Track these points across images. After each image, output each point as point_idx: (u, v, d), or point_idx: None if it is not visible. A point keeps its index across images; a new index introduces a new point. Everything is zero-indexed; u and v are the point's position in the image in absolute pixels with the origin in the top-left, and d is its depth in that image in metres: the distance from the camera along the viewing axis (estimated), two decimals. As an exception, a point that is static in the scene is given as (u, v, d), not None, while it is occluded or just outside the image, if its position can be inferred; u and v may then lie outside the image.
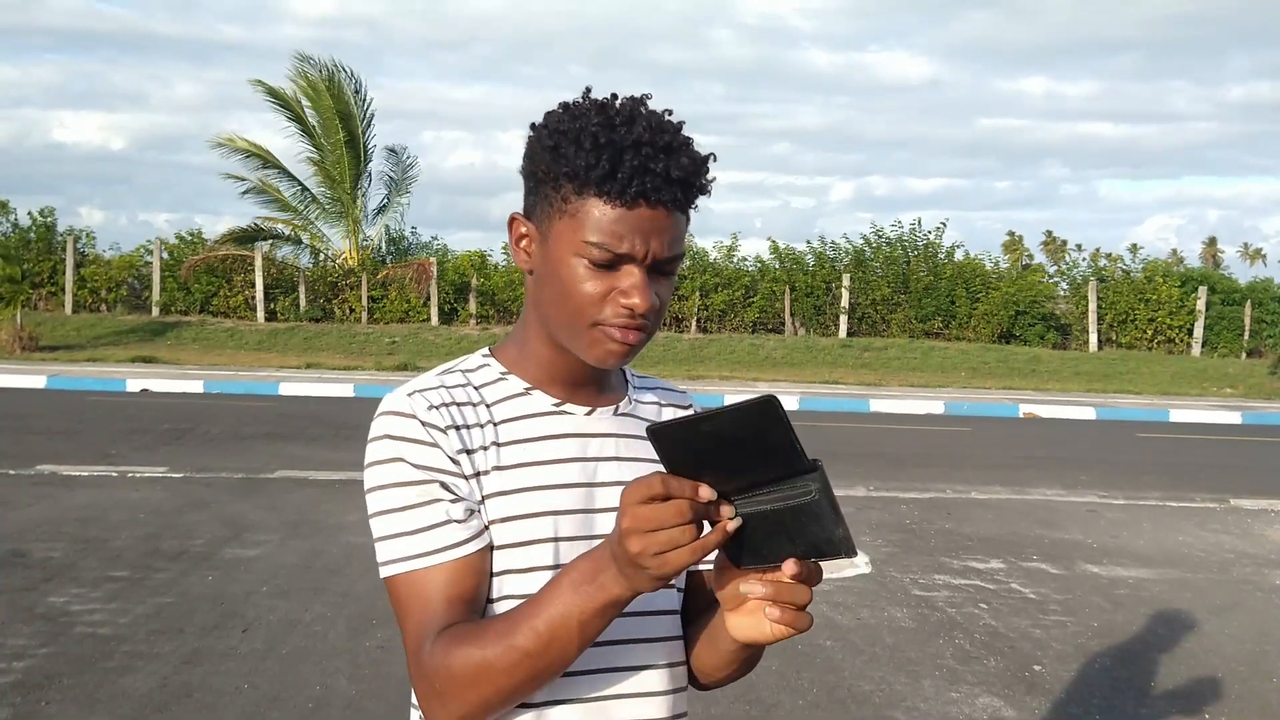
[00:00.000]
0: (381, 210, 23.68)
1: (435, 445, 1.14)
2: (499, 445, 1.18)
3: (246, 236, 22.34)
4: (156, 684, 4.00)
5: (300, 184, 22.72)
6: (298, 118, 22.39)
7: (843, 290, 21.66)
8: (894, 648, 4.79)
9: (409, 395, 1.16)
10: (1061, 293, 23.74)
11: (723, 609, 1.07)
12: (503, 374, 1.23)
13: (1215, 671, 4.66)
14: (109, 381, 14.29)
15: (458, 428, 1.16)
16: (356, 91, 22.62)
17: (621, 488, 1.21)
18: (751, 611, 1.03)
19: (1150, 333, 22.34)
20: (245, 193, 22.53)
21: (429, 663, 1.08)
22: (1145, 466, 10.34)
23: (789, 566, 0.97)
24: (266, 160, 22.45)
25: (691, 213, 1.18)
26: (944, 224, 23.65)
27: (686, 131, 1.14)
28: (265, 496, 7.35)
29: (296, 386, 14.41)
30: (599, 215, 1.10)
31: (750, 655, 1.19)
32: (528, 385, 1.23)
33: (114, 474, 8.01)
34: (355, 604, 5.06)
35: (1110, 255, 25.11)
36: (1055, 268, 25.90)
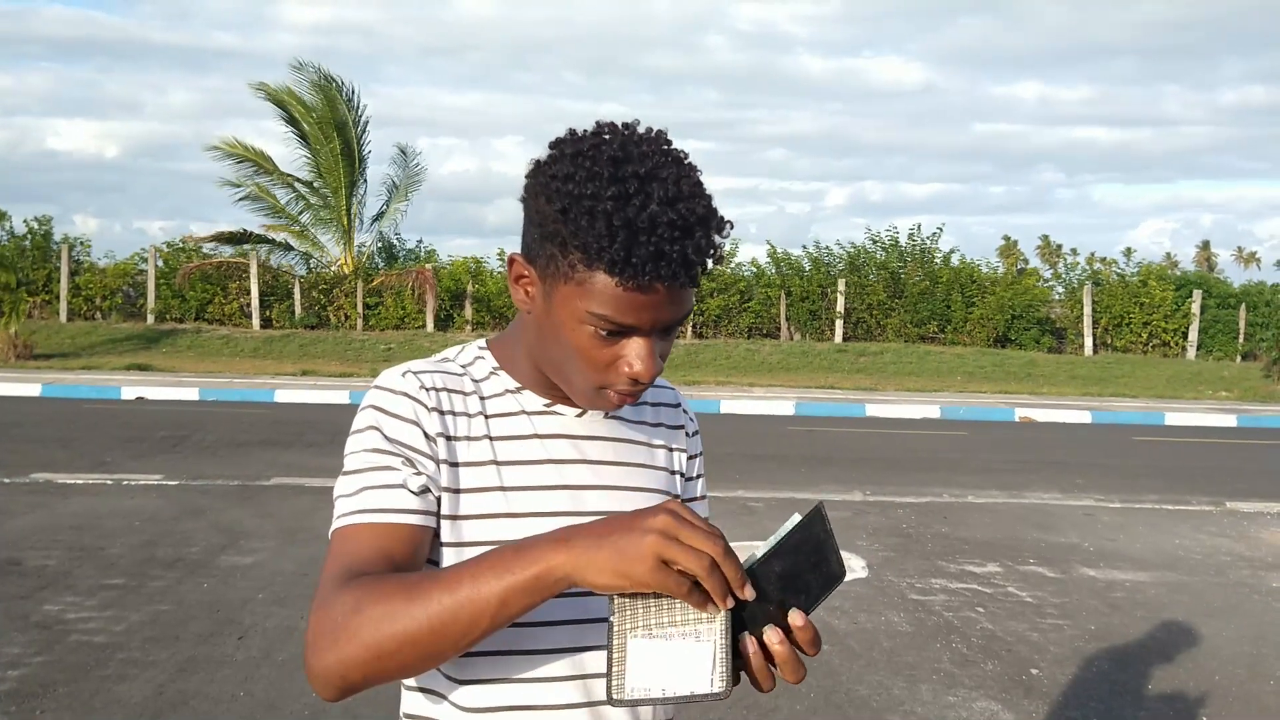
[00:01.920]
0: (379, 216, 23.67)
1: (415, 423, 1.13)
2: (491, 439, 1.18)
3: (235, 239, 22.33)
4: (152, 692, 3.98)
5: (295, 190, 22.73)
6: (294, 122, 22.40)
7: (838, 295, 21.69)
8: (891, 652, 4.78)
9: (403, 374, 1.17)
10: (1057, 297, 23.79)
11: None
12: (495, 369, 1.23)
13: (1213, 674, 4.66)
14: (104, 389, 14.27)
15: (444, 412, 1.15)
16: (349, 100, 22.62)
17: (611, 492, 1.21)
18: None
19: (1145, 336, 22.40)
20: (240, 199, 22.54)
21: (336, 596, 1.00)
22: (1141, 470, 10.35)
23: (796, 618, 0.99)
24: (262, 165, 22.47)
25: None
26: (940, 229, 23.71)
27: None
28: (261, 504, 7.33)
29: (292, 393, 14.38)
30: (609, 293, 1.06)
31: None
32: (518, 384, 1.22)
33: (109, 482, 7.99)
34: (351, 611, 5.04)
35: (1105, 259, 25.15)
36: (1050, 272, 25.97)
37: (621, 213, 1.03)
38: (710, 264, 1.08)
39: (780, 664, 1.00)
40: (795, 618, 0.99)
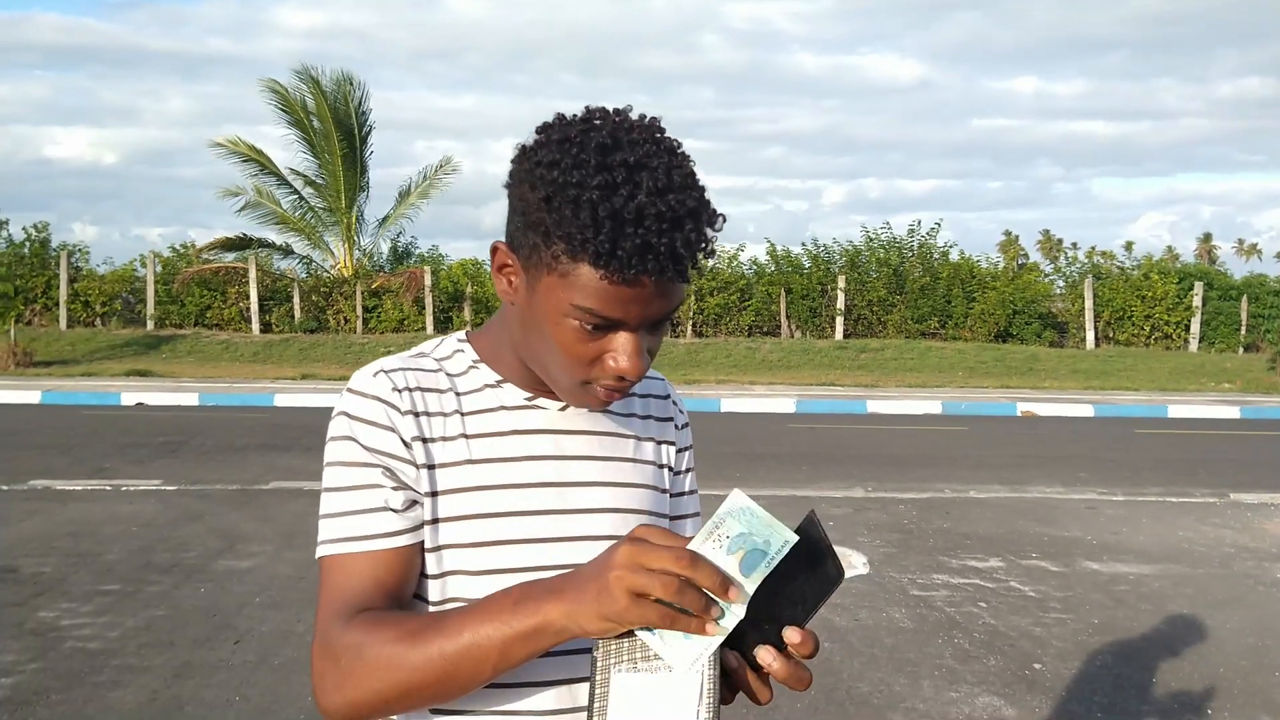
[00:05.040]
0: (385, 220, 23.61)
1: (391, 429, 1.10)
2: (466, 437, 1.13)
3: (236, 244, 22.30)
4: (146, 698, 3.95)
5: (296, 191, 22.70)
6: (299, 124, 22.35)
7: (838, 292, 21.63)
8: (892, 648, 4.74)
9: (374, 375, 1.13)
10: (1058, 291, 23.74)
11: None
12: (475, 363, 1.19)
13: (1217, 666, 4.62)
14: (104, 396, 14.24)
15: (418, 414, 1.11)
16: (360, 103, 22.58)
17: (595, 489, 1.17)
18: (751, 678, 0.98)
19: (1147, 329, 22.34)
20: (241, 209, 22.48)
21: (339, 640, 1.02)
22: (1144, 463, 10.30)
23: (792, 635, 0.96)
24: (264, 166, 22.42)
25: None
26: (939, 224, 23.67)
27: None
28: (259, 508, 7.30)
29: (291, 397, 14.36)
30: (594, 286, 1.01)
31: None
32: (499, 377, 1.18)
33: (108, 488, 7.96)
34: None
35: (1105, 253, 25.08)
36: (1051, 266, 25.90)
37: (607, 203, 0.98)
38: (701, 258, 1.04)
39: (780, 680, 0.97)
40: (792, 635, 0.96)
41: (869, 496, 8.23)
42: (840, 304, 21.62)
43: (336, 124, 22.06)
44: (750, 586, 0.90)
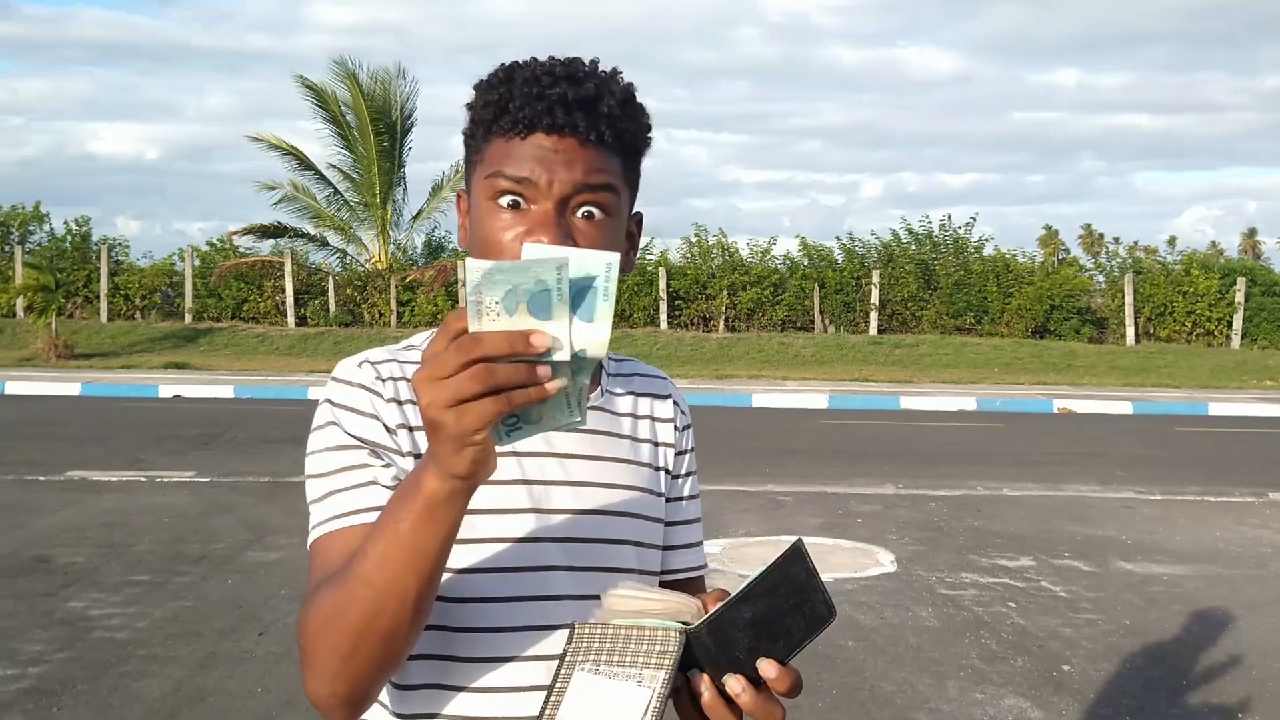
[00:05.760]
0: (419, 214, 23.74)
1: (375, 416, 1.08)
2: None
3: (269, 232, 22.50)
4: (170, 688, 3.98)
5: (332, 186, 22.87)
6: (335, 118, 22.52)
7: (872, 287, 21.46)
8: (918, 648, 4.69)
9: (358, 365, 1.11)
10: (1098, 286, 23.40)
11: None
12: None
13: (1251, 670, 4.52)
14: (142, 388, 14.43)
15: (402, 403, 1.09)
16: (405, 101, 22.73)
17: (580, 489, 1.14)
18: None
19: (1189, 325, 21.96)
20: (278, 203, 22.68)
21: (302, 619, 0.97)
22: (1183, 461, 10.13)
23: (768, 670, 0.92)
24: (300, 160, 22.61)
25: (640, 163, 1.10)
26: (974, 218, 23.42)
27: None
28: (289, 500, 7.35)
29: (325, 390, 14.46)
30: (498, 151, 1.04)
31: None
32: None
33: (142, 479, 8.06)
34: (373, 607, 5.03)
35: (1148, 248, 24.74)
36: (1092, 261, 25.55)
37: (506, 73, 1.06)
38: (606, 122, 1.03)
39: (748, 712, 0.93)
40: (768, 669, 0.92)
41: (899, 493, 8.16)
42: (874, 299, 21.45)
43: (374, 118, 22.19)
44: (560, 324, 0.80)
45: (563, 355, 0.80)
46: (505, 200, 1.03)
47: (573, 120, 1.02)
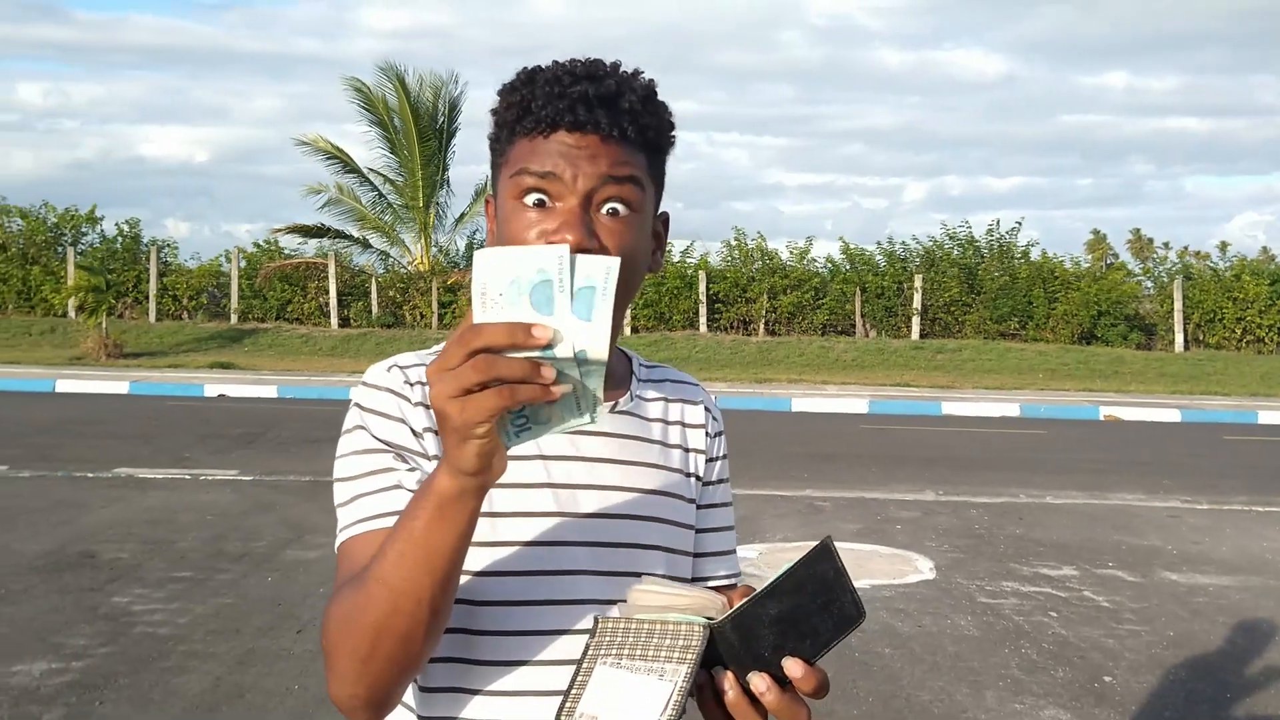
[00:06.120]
0: (462, 217, 23.90)
1: (402, 420, 1.08)
2: None
3: (312, 232, 22.75)
4: (210, 684, 4.03)
5: (375, 188, 23.10)
6: (381, 121, 22.74)
7: (914, 291, 21.28)
8: (956, 656, 4.63)
9: (387, 369, 1.11)
10: (1146, 292, 23.03)
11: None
12: None
13: (1300, 685, 4.42)
14: (188, 387, 14.65)
15: (429, 407, 1.07)
16: (452, 105, 22.91)
17: (608, 493, 1.13)
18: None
19: (1239, 332, 21.56)
20: (323, 206, 22.95)
21: (324, 622, 0.97)
22: (1231, 470, 9.94)
23: (793, 669, 0.91)
24: (345, 163, 22.87)
25: (665, 161, 1.10)
26: (1019, 223, 23.17)
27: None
28: (329, 499, 7.29)
29: (367, 391, 14.61)
30: (522, 150, 1.05)
31: None
32: None
33: (187, 477, 8.18)
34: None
35: (1198, 253, 24.27)
36: (1140, 266, 25.13)
37: (528, 75, 1.07)
38: (628, 118, 1.03)
39: (772, 712, 0.93)
40: (793, 668, 0.91)
41: (939, 500, 8.08)
42: (916, 303, 21.27)
43: (419, 121, 22.38)
44: (561, 320, 0.80)
45: (564, 351, 0.81)
46: (531, 199, 1.04)
47: (594, 117, 1.02)
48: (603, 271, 0.82)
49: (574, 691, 0.91)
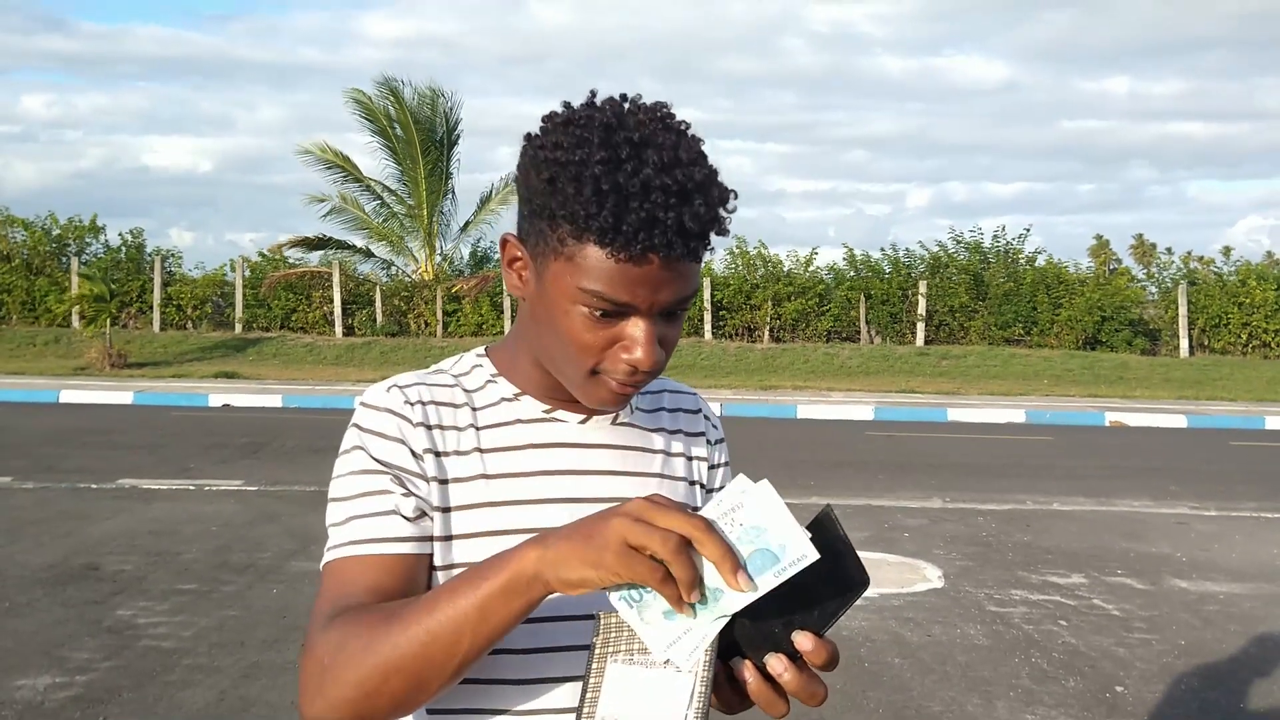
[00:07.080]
0: (466, 226, 23.90)
1: (401, 441, 1.06)
2: (481, 452, 1.09)
3: (316, 244, 22.76)
4: (214, 698, 4.00)
5: (379, 197, 23.10)
6: (383, 131, 22.75)
7: (919, 297, 21.25)
8: (966, 666, 4.60)
9: (387, 390, 1.10)
10: (1151, 297, 22.99)
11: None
12: (493, 377, 1.15)
13: (1314, 694, 4.38)
14: (192, 397, 14.65)
15: (430, 427, 1.08)
16: (450, 116, 22.91)
17: (615, 505, 1.12)
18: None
19: (1245, 337, 21.51)
20: (326, 215, 22.95)
21: (322, 639, 0.95)
22: (1239, 476, 9.89)
23: (804, 642, 0.89)
24: (348, 172, 22.87)
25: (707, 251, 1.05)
26: (1027, 230, 23.14)
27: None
28: (334, 509, 7.39)
29: (372, 400, 14.59)
30: (600, 266, 0.98)
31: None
32: (517, 390, 1.13)
33: (191, 487, 8.16)
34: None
35: (1202, 258, 24.21)
36: (1144, 271, 25.10)
37: (611, 177, 0.95)
38: (713, 236, 1.00)
39: (791, 693, 0.90)
40: (803, 641, 0.89)
41: (946, 507, 8.04)
42: (921, 310, 21.24)
43: (420, 132, 22.39)
44: (759, 583, 0.85)
45: (729, 603, 0.85)
46: (599, 313, 1.00)
47: (686, 246, 0.98)
48: (795, 557, 0.86)
49: (589, 695, 0.89)
